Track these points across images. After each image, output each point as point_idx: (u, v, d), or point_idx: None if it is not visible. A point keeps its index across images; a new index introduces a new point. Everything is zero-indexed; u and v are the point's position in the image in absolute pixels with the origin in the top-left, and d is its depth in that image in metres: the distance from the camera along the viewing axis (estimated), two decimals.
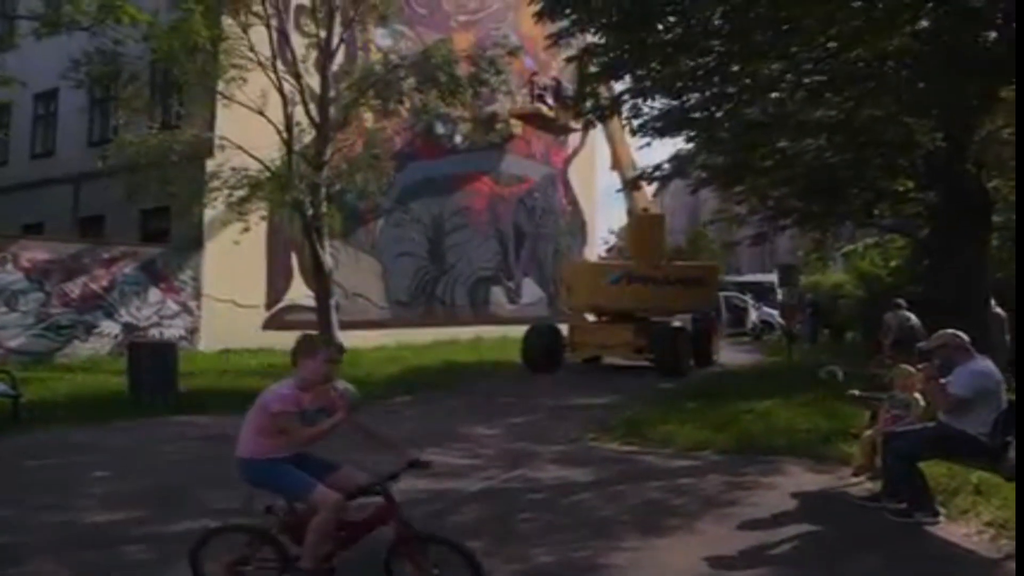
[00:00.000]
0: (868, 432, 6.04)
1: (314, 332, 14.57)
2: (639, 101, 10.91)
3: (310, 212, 13.51)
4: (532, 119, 22.11)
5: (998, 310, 11.50)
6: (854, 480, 6.05)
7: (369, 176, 13.67)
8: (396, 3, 15.14)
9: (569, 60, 11.23)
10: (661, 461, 7.07)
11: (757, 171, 14.88)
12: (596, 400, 10.98)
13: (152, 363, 9.51)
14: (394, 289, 19.69)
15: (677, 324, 14.43)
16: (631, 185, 15.28)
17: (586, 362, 15.28)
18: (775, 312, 29.93)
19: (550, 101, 21.73)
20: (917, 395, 5.65)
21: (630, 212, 15.42)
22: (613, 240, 45.43)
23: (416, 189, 20.26)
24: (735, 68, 10.42)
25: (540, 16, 10.38)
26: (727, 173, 14.56)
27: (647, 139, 11.81)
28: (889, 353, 10.12)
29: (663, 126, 11.51)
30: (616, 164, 15.97)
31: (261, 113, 13.48)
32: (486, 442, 7.90)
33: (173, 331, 15.30)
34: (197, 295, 15.71)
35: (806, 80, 11.79)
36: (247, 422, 3.70)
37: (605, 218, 46.57)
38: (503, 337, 20.36)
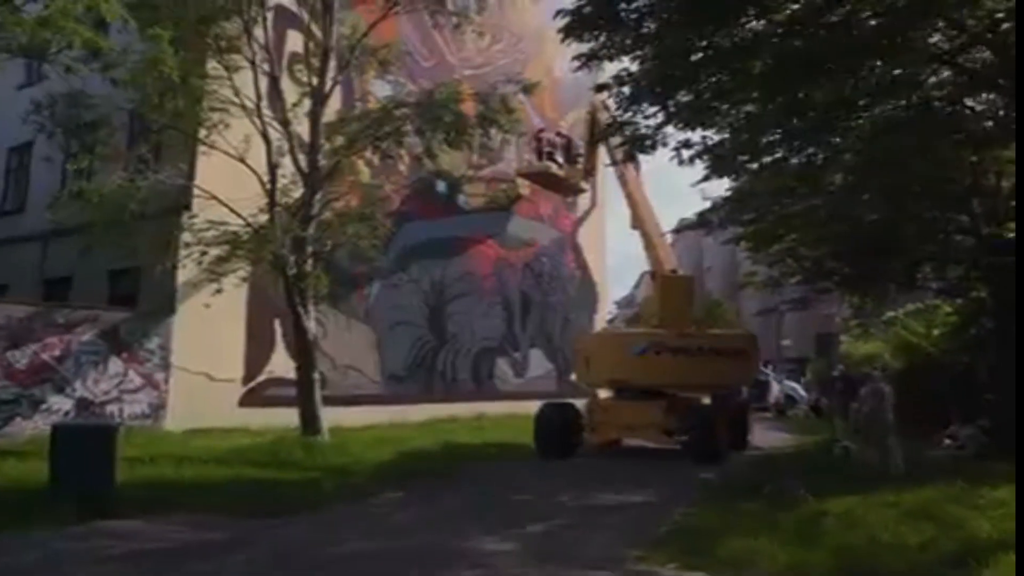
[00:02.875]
0: None
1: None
2: (687, 128, 9.35)
3: (293, 271, 11.85)
4: (540, 178, 20.77)
5: None
6: None
7: (361, 231, 12.05)
8: (396, 49, 13.92)
9: (599, 88, 9.74)
10: None
11: (793, 228, 13.46)
12: (630, 497, 9.02)
13: (82, 451, 7.60)
14: (389, 361, 17.87)
15: (710, 401, 12.59)
16: (652, 241, 13.73)
17: (604, 445, 13.32)
18: (797, 385, 28.07)
19: (560, 159, 20.41)
20: None
21: (654, 274, 13.77)
22: (616, 312, 43.84)
23: (415, 251, 18.72)
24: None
25: (567, 35, 8.99)
26: (761, 226, 13.20)
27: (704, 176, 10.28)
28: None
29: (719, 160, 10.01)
30: (636, 220, 14.41)
31: (242, 161, 12.04)
32: (499, 564, 5.94)
33: (135, 407, 13.42)
34: (165, 367, 13.88)
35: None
36: None
37: (614, 289, 44.99)
38: (508, 414, 18.84)
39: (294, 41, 14.87)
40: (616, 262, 74.30)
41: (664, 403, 12.33)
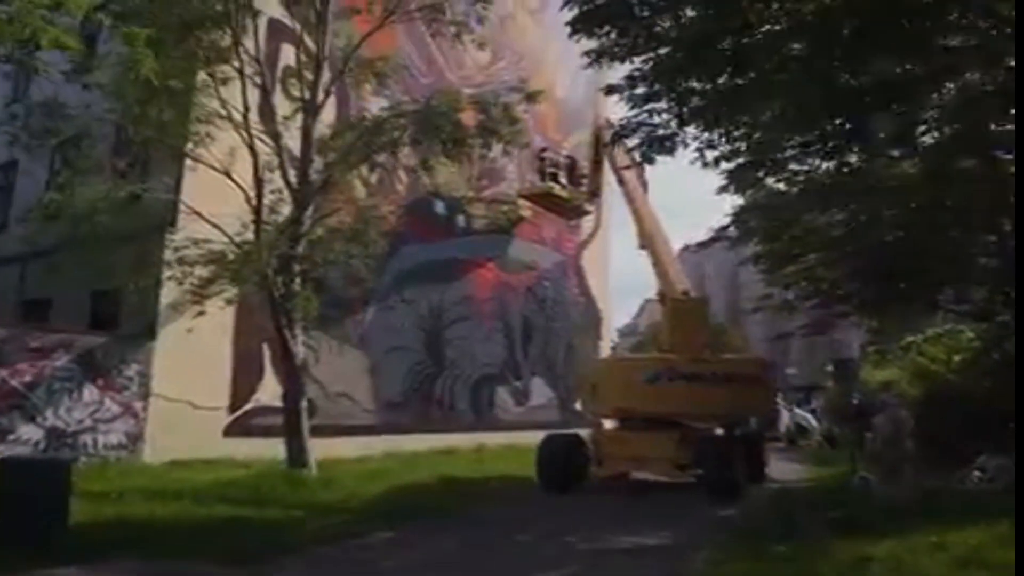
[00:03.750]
0: None
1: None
2: (708, 129, 8.57)
3: (280, 292, 11.09)
4: (543, 200, 20.11)
5: None
6: None
7: (353, 249, 11.32)
8: (393, 62, 13.32)
9: (609, 91, 9.03)
10: None
11: (811, 246, 12.74)
12: (644, 539, 8.14)
13: (32, 489, 6.77)
14: (384, 388, 16.99)
15: (725, 432, 11.77)
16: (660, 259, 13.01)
17: (611, 479, 12.44)
18: (808, 415, 27.09)
19: (563, 180, 19.78)
20: None
21: (663, 297, 13.00)
22: (617, 341, 42.94)
23: (412, 274, 17.96)
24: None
25: (575, 31, 8.32)
26: (776, 245, 12.46)
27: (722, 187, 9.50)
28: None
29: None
30: (644, 238, 13.67)
31: (227, 175, 11.37)
32: None
33: (111, 438, 12.54)
34: (144, 394, 13.03)
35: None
36: None
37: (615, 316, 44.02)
38: (509, 445, 17.90)
39: (288, 55, 14.31)
40: (615, 287, 73.60)
41: (676, 434, 11.48)
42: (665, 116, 8.17)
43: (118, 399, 12.76)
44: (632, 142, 9.50)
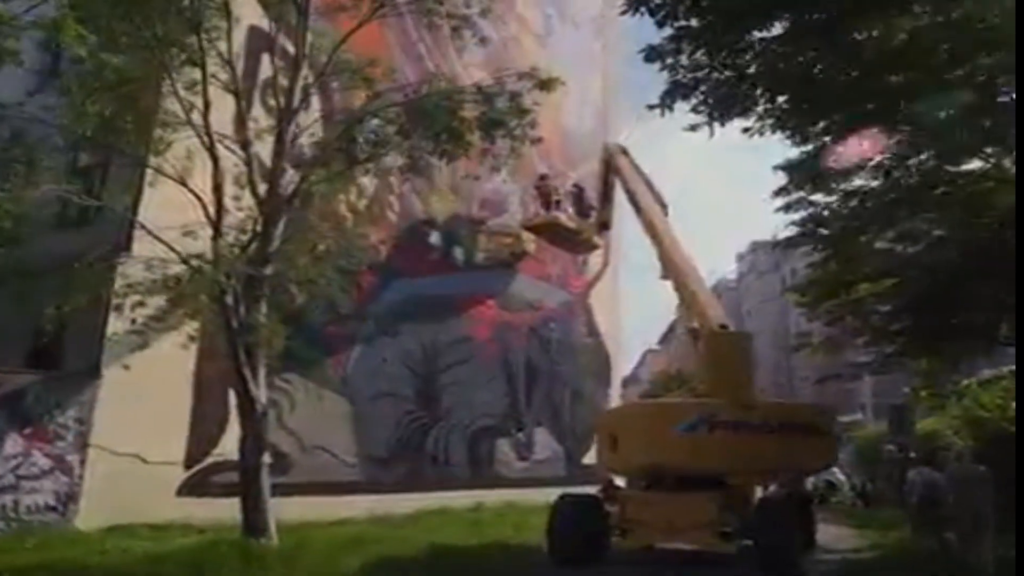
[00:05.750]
0: None
1: None
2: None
3: (240, 321, 9.22)
4: (548, 232, 18.43)
5: None
6: None
7: (329, 272, 9.52)
8: (385, 66, 11.76)
9: (650, 54, 7.25)
10: None
11: (860, 273, 10.99)
12: None
13: None
14: (368, 440, 14.97)
15: (781, 492, 9.81)
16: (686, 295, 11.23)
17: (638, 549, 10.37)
18: (835, 468, 24.98)
19: (569, 210, 18.15)
20: None
21: (696, 333, 11.11)
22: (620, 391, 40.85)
23: (404, 311, 16.14)
24: None
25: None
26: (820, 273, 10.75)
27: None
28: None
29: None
30: (669, 267, 11.87)
31: (183, 182, 9.67)
32: None
33: (36, 498, 10.52)
34: (82, 445, 11.04)
35: None
36: None
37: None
38: (510, 504, 16.41)
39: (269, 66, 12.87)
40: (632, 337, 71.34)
41: (719, 495, 9.45)
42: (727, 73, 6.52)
43: (49, 451, 10.77)
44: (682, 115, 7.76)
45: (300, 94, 10.42)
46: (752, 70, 6.60)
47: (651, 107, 6.88)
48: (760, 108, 7.38)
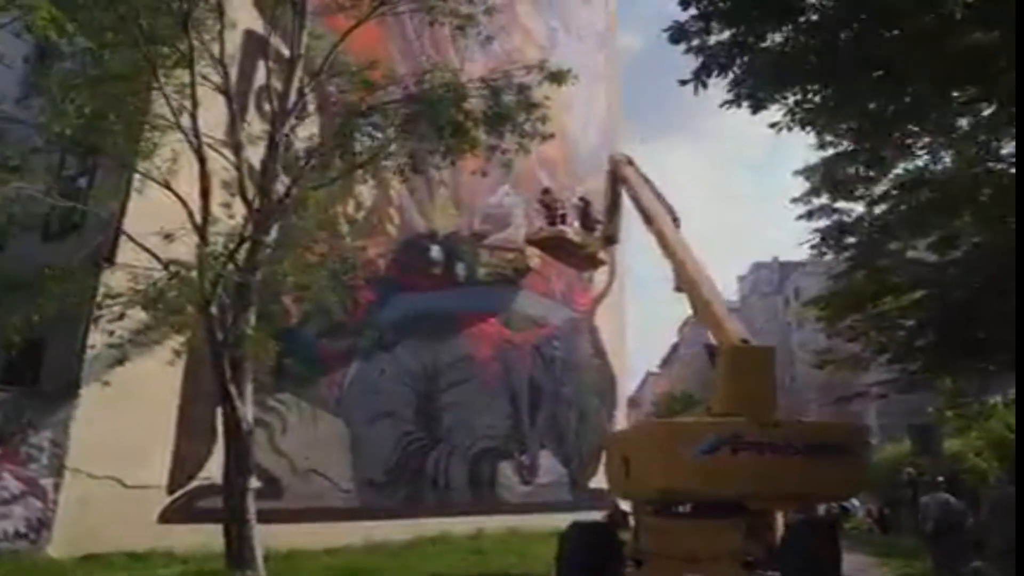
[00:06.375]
0: None
1: None
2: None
3: (223, 332, 8.58)
4: (553, 246, 17.79)
5: None
6: None
7: (322, 279, 8.89)
8: (385, 67, 11.24)
9: (676, 35, 6.67)
10: None
11: (886, 285, 10.36)
12: None
13: None
14: (365, 464, 14.22)
15: (812, 517, 9.08)
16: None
17: None
18: None
19: (575, 224, 17.55)
20: None
21: (713, 349, 10.41)
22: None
23: (403, 328, 15.48)
24: None
25: None
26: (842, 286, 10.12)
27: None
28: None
29: None
30: (684, 279, 11.21)
31: (167, 186, 9.09)
32: None
33: (7, 524, 9.79)
34: (57, 468, 10.34)
35: None
36: None
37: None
38: (512, 530, 15.81)
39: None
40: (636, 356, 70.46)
41: (742, 522, 8.69)
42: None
43: (20, 474, 10.07)
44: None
45: (295, 96, 9.89)
46: (791, 48, 6.01)
47: (683, 83, 6.27)
48: (791, 99, 6.80)
